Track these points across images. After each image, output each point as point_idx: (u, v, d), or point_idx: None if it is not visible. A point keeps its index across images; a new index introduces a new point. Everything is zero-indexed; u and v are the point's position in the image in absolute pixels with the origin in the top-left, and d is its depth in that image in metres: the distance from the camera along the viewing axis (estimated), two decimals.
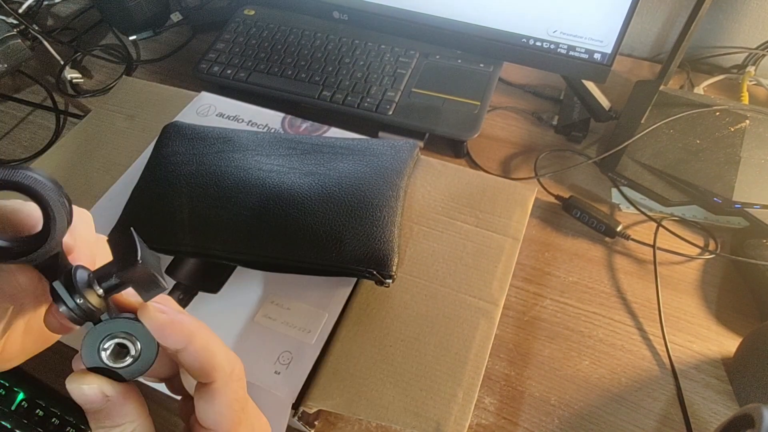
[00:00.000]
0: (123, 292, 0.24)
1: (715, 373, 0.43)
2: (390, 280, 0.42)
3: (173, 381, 0.27)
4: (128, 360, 0.23)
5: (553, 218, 0.53)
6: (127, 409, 0.23)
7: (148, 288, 0.23)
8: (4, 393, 0.43)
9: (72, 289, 0.22)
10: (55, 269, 0.23)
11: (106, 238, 0.25)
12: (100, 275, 0.23)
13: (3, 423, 0.42)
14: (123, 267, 0.23)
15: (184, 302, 0.42)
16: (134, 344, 0.23)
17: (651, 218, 0.52)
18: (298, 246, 0.42)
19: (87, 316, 0.23)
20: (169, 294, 0.41)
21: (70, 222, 0.22)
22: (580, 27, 0.55)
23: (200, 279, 0.44)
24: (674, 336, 0.45)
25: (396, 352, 0.40)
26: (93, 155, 0.54)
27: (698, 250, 0.50)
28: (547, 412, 0.42)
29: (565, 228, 0.53)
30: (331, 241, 0.42)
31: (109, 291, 0.23)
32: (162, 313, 0.23)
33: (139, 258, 0.22)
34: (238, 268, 0.44)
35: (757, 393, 0.40)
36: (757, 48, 0.64)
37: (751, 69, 0.64)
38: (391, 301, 0.43)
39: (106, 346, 0.23)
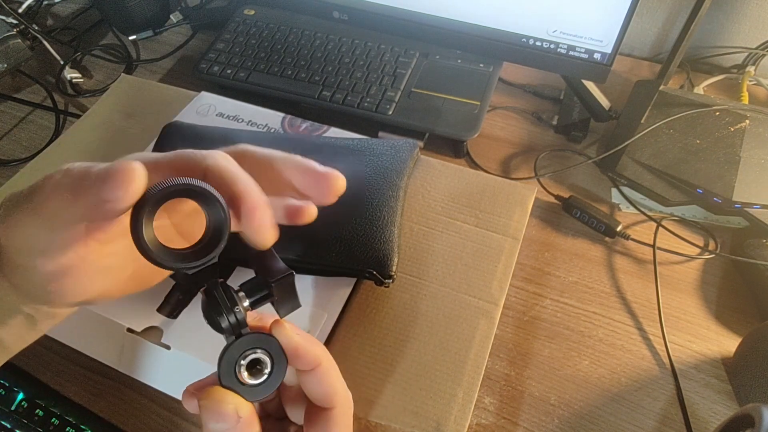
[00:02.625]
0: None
1: (715, 373, 0.43)
2: (390, 280, 0.42)
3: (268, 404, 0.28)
4: (263, 377, 0.22)
5: (553, 218, 0.53)
6: None
7: (287, 303, 0.23)
8: (4, 393, 0.43)
9: (232, 301, 0.22)
10: (207, 278, 0.22)
11: None
12: (248, 287, 0.23)
13: (3, 423, 0.42)
14: (275, 278, 0.23)
15: (183, 303, 0.42)
16: (268, 362, 0.22)
17: (651, 218, 0.52)
18: (298, 246, 0.42)
19: (236, 330, 0.22)
20: (169, 294, 0.41)
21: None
22: (580, 27, 0.54)
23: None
24: (674, 336, 0.45)
25: (396, 352, 0.40)
26: (92, 154, 0.54)
27: (698, 250, 0.50)
28: (547, 412, 0.42)
29: (565, 228, 0.53)
30: (330, 241, 0.42)
31: (255, 304, 0.23)
32: (297, 333, 0.23)
33: (289, 269, 0.22)
34: (238, 268, 0.44)
35: (757, 393, 0.40)
36: (757, 48, 0.64)
37: (751, 69, 0.64)
38: (391, 301, 0.43)
39: (242, 362, 0.22)
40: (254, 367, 0.22)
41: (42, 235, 0.22)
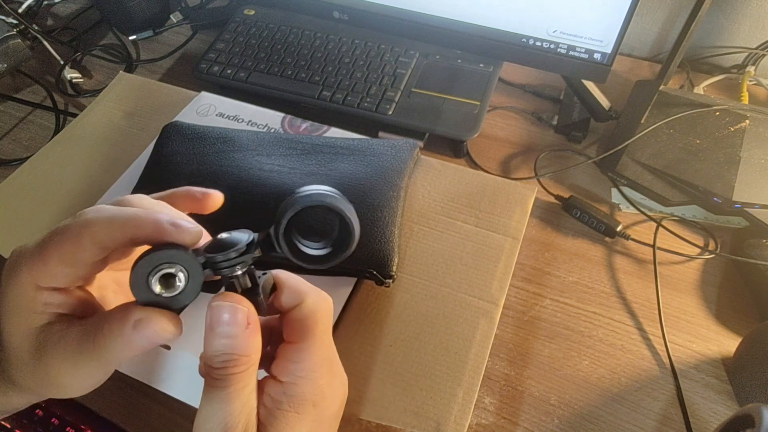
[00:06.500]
0: None
1: (715, 373, 0.43)
2: (390, 280, 0.42)
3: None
4: (177, 290, 0.25)
5: (553, 218, 0.53)
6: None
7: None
8: None
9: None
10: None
11: None
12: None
13: (3, 423, 0.42)
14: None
15: None
16: (182, 276, 0.25)
17: (651, 218, 0.52)
18: None
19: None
20: None
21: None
22: (580, 27, 0.55)
23: None
24: (674, 336, 0.45)
25: (396, 352, 0.40)
26: (92, 153, 0.54)
27: (698, 250, 0.50)
28: (547, 412, 0.42)
29: (565, 228, 0.53)
30: None
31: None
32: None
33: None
34: None
35: (757, 393, 0.40)
36: (757, 48, 0.64)
37: (751, 69, 0.64)
38: (391, 301, 0.43)
39: (152, 278, 0.24)
40: (168, 280, 0.24)
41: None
